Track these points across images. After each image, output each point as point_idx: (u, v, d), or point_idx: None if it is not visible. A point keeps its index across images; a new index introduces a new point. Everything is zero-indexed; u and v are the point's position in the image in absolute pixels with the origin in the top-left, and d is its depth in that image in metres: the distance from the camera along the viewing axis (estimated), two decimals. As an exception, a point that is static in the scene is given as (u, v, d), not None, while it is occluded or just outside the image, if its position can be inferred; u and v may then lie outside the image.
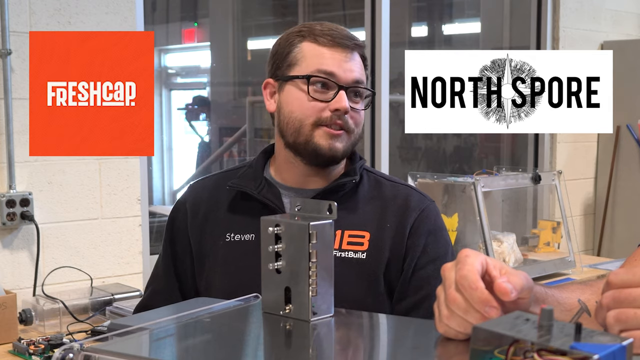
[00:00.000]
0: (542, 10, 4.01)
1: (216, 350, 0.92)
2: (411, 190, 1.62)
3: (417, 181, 3.30)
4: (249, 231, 1.57)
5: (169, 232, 1.68)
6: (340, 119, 1.52)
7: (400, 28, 4.74)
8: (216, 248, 1.59)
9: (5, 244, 2.38)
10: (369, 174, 1.64)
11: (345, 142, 1.54)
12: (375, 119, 3.41)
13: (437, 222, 1.60)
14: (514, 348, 0.74)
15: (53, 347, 1.97)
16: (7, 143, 2.34)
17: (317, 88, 1.53)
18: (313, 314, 0.99)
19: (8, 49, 2.33)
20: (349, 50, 1.54)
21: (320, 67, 1.53)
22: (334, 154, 1.53)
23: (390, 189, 1.61)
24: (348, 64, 1.53)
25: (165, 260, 1.68)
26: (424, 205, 1.58)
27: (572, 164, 4.11)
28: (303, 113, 1.53)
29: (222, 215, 1.61)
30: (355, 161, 1.63)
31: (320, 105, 1.52)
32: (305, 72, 1.54)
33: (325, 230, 1.01)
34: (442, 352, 0.92)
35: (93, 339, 0.91)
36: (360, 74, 1.55)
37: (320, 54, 1.54)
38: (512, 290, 0.88)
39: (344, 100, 1.51)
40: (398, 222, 1.55)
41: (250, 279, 1.52)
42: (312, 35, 1.55)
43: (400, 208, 1.57)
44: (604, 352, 0.69)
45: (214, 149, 5.83)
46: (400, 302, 1.54)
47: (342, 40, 1.54)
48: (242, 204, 1.60)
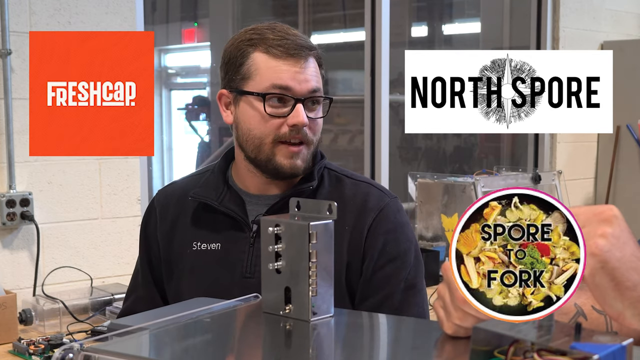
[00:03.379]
0: (542, 10, 4.01)
1: (216, 350, 0.92)
2: (371, 188, 1.59)
3: (417, 181, 3.30)
4: (215, 240, 1.57)
5: (142, 238, 1.67)
6: (299, 133, 1.50)
7: (400, 28, 4.74)
8: (184, 256, 1.59)
9: (5, 244, 2.38)
10: (330, 172, 1.62)
11: (305, 156, 1.52)
12: (375, 119, 3.41)
13: (397, 219, 1.56)
14: (514, 348, 0.74)
15: (53, 347, 1.97)
16: (7, 143, 2.34)
17: (274, 103, 1.50)
18: (313, 314, 0.99)
19: (8, 49, 2.33)
20: (303, 59, 1.50)
21: (275, 81, 1.49)
22: (295, 172, 1.52)
23: (350, 187, 1.59)
24: (303, 75, 1.49)
25: (142, 267, 1.67)
26: (383, 204, 1.56)
27: (572, 164, 4.11)
28: (261, 131, 1.51)
29: (189, 223, 1.60)
30: (317, 160, 1.60)
31: (278, 122, 1.50)
32: (259, 88, 1.50)
33: (325, 230, 1.01)
34: (442, 352, 0.92)
35: (93, 339, 0.90)
36: (316, 82, 1.51)
37: (274, 68, 1.50)
38: None
39: (301, 114, 1.48)
40: (356, 223, 1.53)
41: (217, 287, 1.52)
42: (264, 44, 1.50)
43: (358, 208, 1.55)
44: (604, 352, 0.69)
45: (214, 149, 5.83)
46: (362, 303, 1.52)
47: (296, 50, 1.50)
48: (206, 214, 1.59)
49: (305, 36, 1.56)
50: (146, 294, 1.65)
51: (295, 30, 1.56)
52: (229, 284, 1.52)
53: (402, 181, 3.52)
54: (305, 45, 1.51)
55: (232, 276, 1.53)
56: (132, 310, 1.61)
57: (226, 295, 1.14)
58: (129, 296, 1.70)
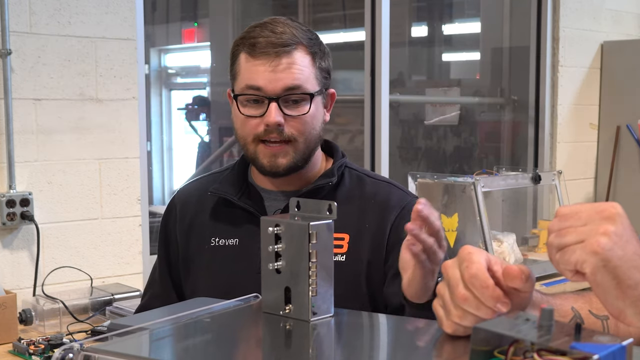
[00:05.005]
0: (542, 10, 4.01)
1: (216, 350, 0.92)
2: (392, 187, 1.59)
3: (417, 181, 3.30)
4: (233, 236, 1.58)
5: (162, 235, 1.68)
6: (275, 132, 1.49)
7: (400, 28, 4.74)
8: (201, 252, 1.60)
9: (5, 244, 2.38)
10: (351, 171, 1.62)
11: (290, 154, 1.51)
12: (375, 119, 3.41)
13: None
14: (514, 348, 0.74)
15: (53, 347, 1.97)
16: (7, 143, 2.34)
17: (249, 104, 1.51)
18: (313, 314, 0.99)
19: (8, 49, 2.33)
20: (278, 57, 1.48)
21: (248, 82, 1.50)
22: (276, 170, 1.52)
23: (371, 186, 1.59)
24: (276, 74, 1.48)
25: (161, 264, 1.68)
26: (405, 202, 1.56)
27: (572, 164, 4.11)
28: (243, 131, 1.53)
29: (207, 219, 1.62)
30: (337, 159, 1.61)
31: (255, 122, 1.50)
32: (237, 90, 1.52)
33: (325, 231, 1.01)
34: (441, 352, 0.92)
35: (93, 339, 0.91)
36: (292, 80, 1.48)
37: (249, 68, 1.50)
38: (522, 275, 0.88)
39: (272, 114, 1.48)
40: (378, 221, 1.53)
41: (234, 283, 1.53)
42: (246, 44, 1.51)
43: (380, 206, 1.55)
44: (604, 352, 0.69)
45: (214, 149, 5.83)
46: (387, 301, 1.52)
47: (267, 49, 1.48)
48: (225, 209, 1.60)
49: (297, 27, 1.53)
50: (162, 291, 1.66)
51: (290, 22, 1.53)
52: (246, 278, 1.52)
53: (402, 181, 3.51)
54: (280, 43, 1.48)
55: (248, 271, 1.52)
56: (147, 307, 1.62)
57: (242, 290, 1.13)
58: (145, 293, 1.72)
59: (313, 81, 1.52)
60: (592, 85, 4.17)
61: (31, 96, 2.39)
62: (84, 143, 2.50)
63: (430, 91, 4.71)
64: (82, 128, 2.49)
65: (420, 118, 4.49)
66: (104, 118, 2.53)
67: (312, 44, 1.53)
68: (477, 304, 0.88)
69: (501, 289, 0.89)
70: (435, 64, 5.25)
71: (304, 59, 1.51)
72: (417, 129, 4.59)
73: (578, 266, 0.85)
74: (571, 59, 4.05)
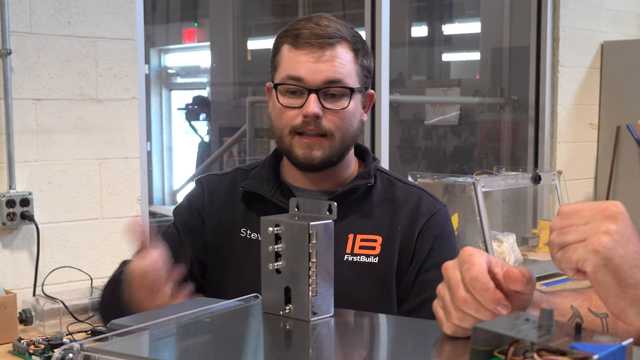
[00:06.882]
0: (542, 10, 4.01)
1: (216, 350, 0.92)
2: (423, 194, 1.60)
3: (417, 181, 3.30)
4: None
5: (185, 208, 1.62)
6: (312, 124, 1.48)
7: (400, 28, 4.74)
8: (233, 241, 1.58)
9: (5, 244, 2.38)
10: (382, 174, 1.62)
11: (325, 147, 1.50)
12: (375, 119, 3.41)
13: (445, 226, 1.58)
14: (514, 348, 0.74)
15: (53, 347, 1.97)
16: (7, 143, 2.34)
17: (288, 94, 1.50)
18: (313, 314, 0.99)
19: (8, 49, 2.33)
20: (321, 49, 1.47)
21: (289, 72, 1.49)
22: (310, 163, 1.51)
23: (402, 190, 1.60)
24: (318, 65, 1.47)
25: (179, 229, 1.60)
26: (434, 210, 1.57)
27: (572, 164, 4.11)
28: (280, 122, 1.52)
29: (238, 211, 1.59)
30: (369, 162, 1.61)
31: (293, 113, 1.49)
32: (277, 80, 1.51)
33: (325, 230, 1.01)
34: (441, 352, 0.92)
35: (93, 339, 0.90)
36: (334, 73, 1.48)
37: (291, 59, 1.49)
38: (523, 277, 0.88)
39: (311, 105, 1.46)
40: (408, 225, 1.55)
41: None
42: (290, 36, 1.50)
43: (411, 211, 1.56)
44: (604, 352, 0.69)
45: (214, 149, 5.83)
46: (402, 304, 1.54)
47: (310, 39, 1.47)
48: (256, 205, 1.58)
49: (342, 24, 1.52)
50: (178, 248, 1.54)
51: (334, 18, 1.53)
52: None
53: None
54: (324, 35, 1.48)
55: None
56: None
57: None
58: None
59: (354, 77, 1.51)
60: (592, 85, 4.17)
61: (31, 96, 2.39)
62: (84, 143, 2.50)
63: (430, 91, 4.71)
64: (82, 128, 2.49)
65: (420, 118, 4.50)
66: (104, 118, 2.53)
67: (356, 40, 1.53)
68: (477, 307, 0.88)
69: (502, 291, 0.88)
70: (435, 64, 5.25)
71: (347, 54, 1.50)
72: (417, 129, 4.59)
73: (579, 265, 0.85)
74: (571, 59, 4.05)
